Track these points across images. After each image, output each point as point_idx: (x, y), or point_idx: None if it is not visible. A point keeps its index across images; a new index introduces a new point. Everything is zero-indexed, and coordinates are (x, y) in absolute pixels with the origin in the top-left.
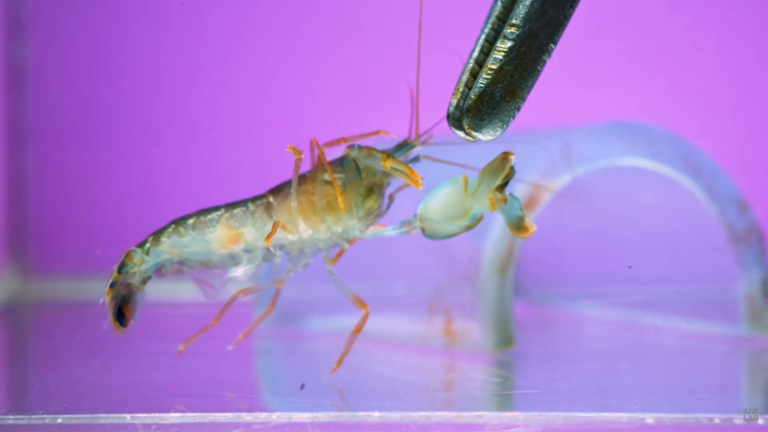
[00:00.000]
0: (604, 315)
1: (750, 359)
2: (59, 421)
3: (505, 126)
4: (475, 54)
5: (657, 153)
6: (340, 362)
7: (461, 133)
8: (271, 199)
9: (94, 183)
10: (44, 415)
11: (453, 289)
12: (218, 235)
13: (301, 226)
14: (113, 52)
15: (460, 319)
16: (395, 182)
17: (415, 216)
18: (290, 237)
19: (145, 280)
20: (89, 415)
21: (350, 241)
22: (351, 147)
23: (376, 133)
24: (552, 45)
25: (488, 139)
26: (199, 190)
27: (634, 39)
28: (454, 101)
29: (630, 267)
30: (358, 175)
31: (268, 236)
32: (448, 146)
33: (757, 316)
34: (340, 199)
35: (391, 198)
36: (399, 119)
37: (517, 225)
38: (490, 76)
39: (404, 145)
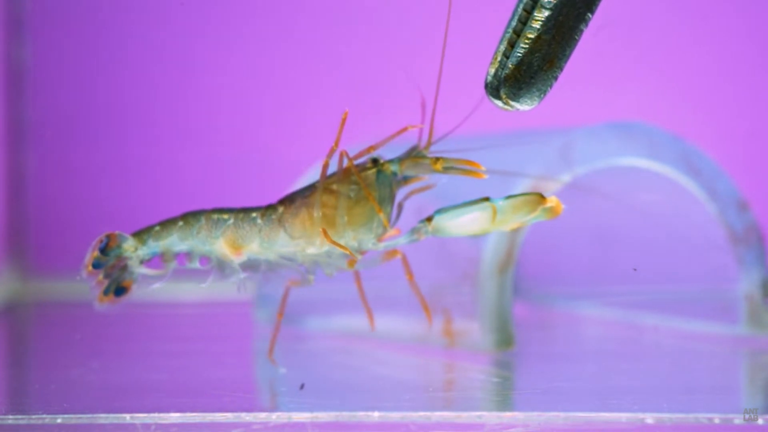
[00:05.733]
0: (604, 315)
1: (750, 359)
2: (59, 421)
3: (542, 95)
4: (513, 23)
5: (657, 153)
6: (428, 312)
7: (499, 103)
8: (281, 210)
9: (94, 183)
10: (44, 415)
11: (453, 289)
12: (220, 247)
13: (319, 240)
14: (113, 52)
15: (459, 319)
16: (401, 192)
17: (423, 221)
18: (309, 250)
19: (142, 262)
20: (89, 415)
21: (362, 252)
22: (395, 160)
23: (404, 130)
24: (589, 14)
25: (526, 109)
26: (200, 190)
27: (634, 38)
28: (492, 70)
29: (635, 270)
30: (388, 187)
31: (330, 241)
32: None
33: (757, 316)
34: (381, 215)
35: (400, 207)
36: (402, 119)
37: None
38: (527, 45)
39: (415, 154)
